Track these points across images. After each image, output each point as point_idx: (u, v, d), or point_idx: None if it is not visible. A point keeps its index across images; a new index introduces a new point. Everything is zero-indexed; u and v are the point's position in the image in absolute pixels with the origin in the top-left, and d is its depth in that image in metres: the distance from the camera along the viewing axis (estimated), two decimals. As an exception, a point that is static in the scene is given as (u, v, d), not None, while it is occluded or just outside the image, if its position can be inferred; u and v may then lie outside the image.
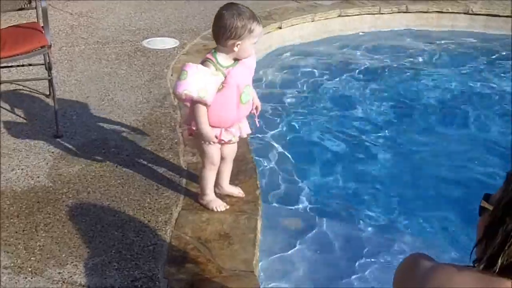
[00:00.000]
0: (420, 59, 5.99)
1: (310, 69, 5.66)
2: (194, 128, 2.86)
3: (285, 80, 5.42)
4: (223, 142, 2.92)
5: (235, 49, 2.71)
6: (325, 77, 5.51)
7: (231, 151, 3.09)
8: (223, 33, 2.69)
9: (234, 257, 2.78)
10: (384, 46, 6.27)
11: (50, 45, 3.74)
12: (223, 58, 2.76)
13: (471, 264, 1.37)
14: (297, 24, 6.31)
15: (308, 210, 3.60)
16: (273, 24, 6.06)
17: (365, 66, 5.78)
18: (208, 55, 2.78)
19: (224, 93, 2.77)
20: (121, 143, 3.75)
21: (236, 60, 2.79)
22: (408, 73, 5.64)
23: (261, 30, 2.79)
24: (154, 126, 3.96)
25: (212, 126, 2.83)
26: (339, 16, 6.61)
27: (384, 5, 6.78)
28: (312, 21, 6.44)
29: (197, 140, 2.94)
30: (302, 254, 3.18)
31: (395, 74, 5.62)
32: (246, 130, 3.01)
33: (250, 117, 3.04)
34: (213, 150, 2.95)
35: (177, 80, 2.74)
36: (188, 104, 2.83)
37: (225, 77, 2.76)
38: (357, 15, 6.70)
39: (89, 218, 3.05)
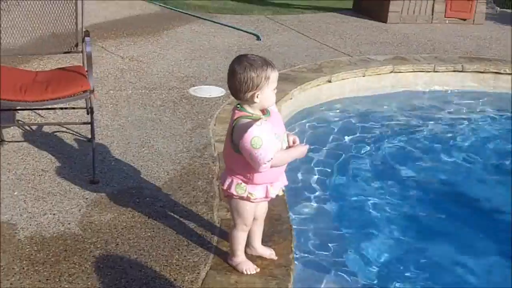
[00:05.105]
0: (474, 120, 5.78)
1: (358, 125, 5.52)
2: (228, 190, 2.75)
3: (332, 134, 5.28)
4: (270, 198, 2.81)
5: (256, 100, 2.59)
6: (373, 135, 5.35)
7: (263, 210, 2.96)
8: (240, 87, 2.57)
9: (260, 327, 2.61)
10: (437, 107, 6.09)
11: (92, 90, 3.73)
12: (252, 110, 2.64)
13: None
14: (347, 79, 6.21)
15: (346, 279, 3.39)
16: (323, 77, 5.98)
17: (417, 126, 5.60)
18: (238, 113, 2.65)
19: None
20: (156, 193, 3.66)
21: (263, 111, 2.66)
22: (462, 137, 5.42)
23: (277, 74, 2.63)
24: (191, 177, 3.87)
25: (258, 184, 2.71)
26: (391, 72, 6.48)
27: (439, 63, 6.62)
28: (363, 76, 6.32)
29: (232, 201, 2.82)
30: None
31: (449, 137, 5.42)
32: (284, 181, 2.88)
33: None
34: (250, 211, 2.81)
35: (255, 151, 2.49)
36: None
37: None
38: (411, 72, 6.56)
39: (114, 272, 2.94)
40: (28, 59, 5.76)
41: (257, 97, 2.59)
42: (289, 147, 2.75)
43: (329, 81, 6.03)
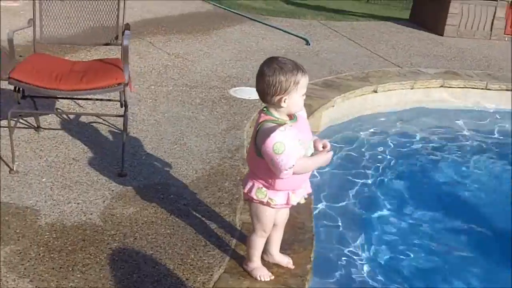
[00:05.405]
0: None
1: (398, 140, 5.36)
2: (249, 194, 2.69)
3: (372, 146, 5.15)
4: (290, 206, 2.74)
5: (284, 104, 2.51)
6: (413, 151, 5.18)
7: (284, 217, 2.88)
8: (267, 90, 2.50)
9: (266, 336, 2.53)
10: (485, 125, 5.86)
11: (127, 83, 3.72)
12: (278, 115, 2.56)
13: None
14: (394, 90, 6.04)
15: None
16: (368, 86, 5.84)
17: (463, 145, 5.39)
18: (264, 116, 2.58)
19: None
20: (182, 191, 3.63)
21: (291, 116, 2.59)
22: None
23: (307, 80, 2.55)
24: (219, 178, 3.82)
25: (279, 190, 2.64)
26: (441, 86, 6.28)
27: (492, 81, 6.38)
28: (411, 89, 6.15)
29: (252, 205, 2.76)
30: None
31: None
32: (308, 189, 2.80)
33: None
34: (269, 217, 2.74)
35: (276, 157, 2.43)
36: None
37: None
38: (461, 87, 6.35)
39: (128, 266, 2.92)
40: (76, 49, 5.85)
41: (284, 101, 2.52)
42: (319, 152, 2.67)
43: (375, 91, 5.88)
